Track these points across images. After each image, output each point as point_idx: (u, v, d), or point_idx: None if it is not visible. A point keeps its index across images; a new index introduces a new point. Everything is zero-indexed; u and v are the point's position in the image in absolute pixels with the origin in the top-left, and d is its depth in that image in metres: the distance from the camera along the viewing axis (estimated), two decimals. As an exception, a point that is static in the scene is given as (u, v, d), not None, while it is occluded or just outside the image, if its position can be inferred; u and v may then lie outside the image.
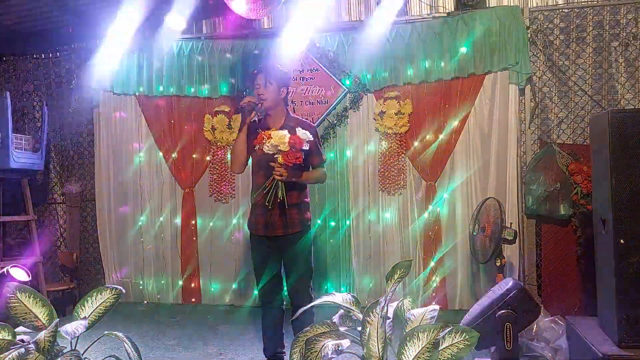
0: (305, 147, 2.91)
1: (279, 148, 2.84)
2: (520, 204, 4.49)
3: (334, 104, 4.86)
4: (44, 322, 2.24)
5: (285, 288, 3.25)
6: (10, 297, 2.25)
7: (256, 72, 3.19)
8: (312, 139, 2.96)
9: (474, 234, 3.92)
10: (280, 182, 2.95)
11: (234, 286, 5.06)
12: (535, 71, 4.56)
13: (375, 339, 2.25)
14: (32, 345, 2.10)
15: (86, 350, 2.27)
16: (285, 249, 3.14)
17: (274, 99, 3.12)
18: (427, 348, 2.13)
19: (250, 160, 3.22)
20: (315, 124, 4.85)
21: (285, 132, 2.88)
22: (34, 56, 5.60)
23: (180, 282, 5.14)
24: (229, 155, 5.00)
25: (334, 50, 4.82)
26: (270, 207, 3.02)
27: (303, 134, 2.92)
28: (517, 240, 3.86)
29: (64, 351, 2.16)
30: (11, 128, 4.71)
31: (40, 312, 2.27)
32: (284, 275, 3.22)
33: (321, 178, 3.27)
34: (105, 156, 5.25)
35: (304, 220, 3.15)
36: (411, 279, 4.68)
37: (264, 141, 2.88)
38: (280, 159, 2.87)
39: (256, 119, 3.18)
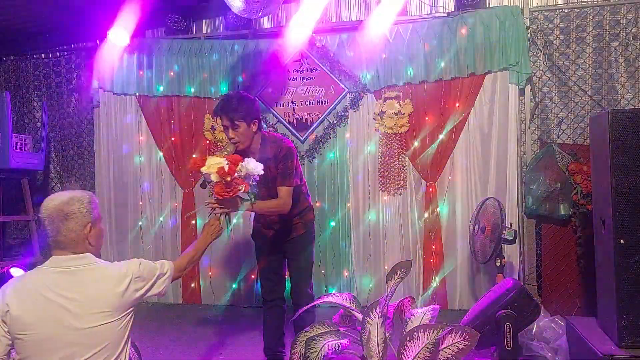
0: (248, 180, 2.58)
1: (211, 178, 2.52)
2: (520, 204, 4.48)
3: (334, 104, 4.86)
4: (44, 322, 2.24)
5: (287, 288, 3.26)
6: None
7: (219, 111, 2.88)
8: (262, 172, 2.63)
9: (474, 233, 3.92)
10: (222, 214, 2.63)
11: (234, 286, 5.06)
12: (535, 71, 4.56)
13: (375, 339, 2.26)
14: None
15: (86, 350, 2.27)
16: (288, 250, 3.15)
17: (247, 138, 2.88)
18: (427, 348, 2.14)
19: None
20: (315, 124, 4.87)
21: (220, 160, 2.51)
22: (34, 56, 5.60)
23: (180, 282, 5.14)
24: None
25: (334, 50, 4.82)
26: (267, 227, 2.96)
27: (249, 163, 2.58)
28: (517, 240, 3.86)
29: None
30: (11, 128, 4.72)
31: (40, 312, 2.26)
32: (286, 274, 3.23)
33: (276, 210, 2.96)
34: (105, 156, 5.24)
35: (306, 222, 3.15)
36: (411, 279, 4.68)
37: (199, 167, 2.55)
38: (213, 187, 2.58)
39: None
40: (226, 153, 2.85)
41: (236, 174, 2.53)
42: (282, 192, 2.94)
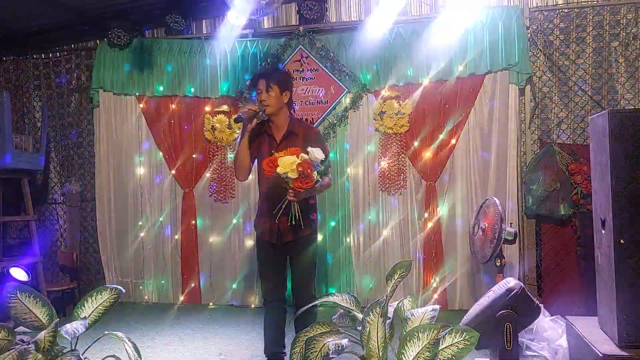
0: (316, 168, 2.78)
1: (288, 175, 2.72)
2: (520, 204, 4.49)
3: (334, 104, 4.86)
4: (44, 322, 2.24)
5: (288, 287, 3.25)
6: (11, 297, 2.25)
7: (257, 76, 3.13)
8: (323, 156, 2.84)
9: (474, 234, 3.92)
10: (293, 203, 2.87)
11: (234, 286, 5.06)
12: (535, 71, 4.56)
13: (375, 339, 2.25)
14: (32, 345, 2.10)
15: (86, 350, 2.27)
16: (291, 251, 3.14)
17: (277, 104, 3.03)
18: (427, 348, 2.13)
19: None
20: (315, 124, 4.87)
21: (294, 158, 2.74)
22: (34, 56, 5.60)
23: (180, 282, 5.14)
24: (229, 156, 5.01)
25: (334, 50, 4.82)
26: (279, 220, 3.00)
27: (314, 152, 2.79)
28: (517, 240, 3.86)
29: (64, 351, 2.16)
30: (11, 128, 4.71)
31: (40, 312, 2.26)
32: (288, 274, 3.22)
33: (329, 185, 3.17)
34: (105, 156, 5.24)
35: (311, 222, 3.15)
36: (411, 279, 4.68)
37: (273, 169, 2.74)
38: (290, 183, 2.77)
39: (263, 120, 3.13)
40: (243, 105, 3.11)
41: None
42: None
